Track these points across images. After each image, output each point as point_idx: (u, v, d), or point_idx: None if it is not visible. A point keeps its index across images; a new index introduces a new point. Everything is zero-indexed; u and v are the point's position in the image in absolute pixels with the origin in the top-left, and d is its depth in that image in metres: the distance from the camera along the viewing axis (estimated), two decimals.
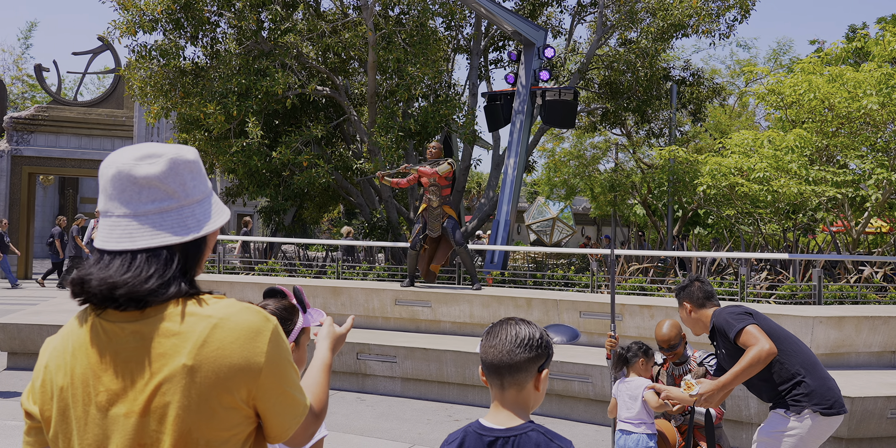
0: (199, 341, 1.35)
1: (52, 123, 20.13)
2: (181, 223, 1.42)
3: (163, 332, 1.36)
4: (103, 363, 1.36)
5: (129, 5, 11.89)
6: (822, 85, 10.10)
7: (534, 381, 1.84)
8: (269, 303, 2.27)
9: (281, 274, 11.11)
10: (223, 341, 1.36)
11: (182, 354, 1.34)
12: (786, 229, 12.33)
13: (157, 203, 1.41)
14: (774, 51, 30.56)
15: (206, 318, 1.37)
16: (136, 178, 1.40)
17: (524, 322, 1.89)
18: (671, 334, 4.49)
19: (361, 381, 8.06)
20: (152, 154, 1.42)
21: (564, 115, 12.54)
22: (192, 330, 1.36)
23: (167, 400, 1.34)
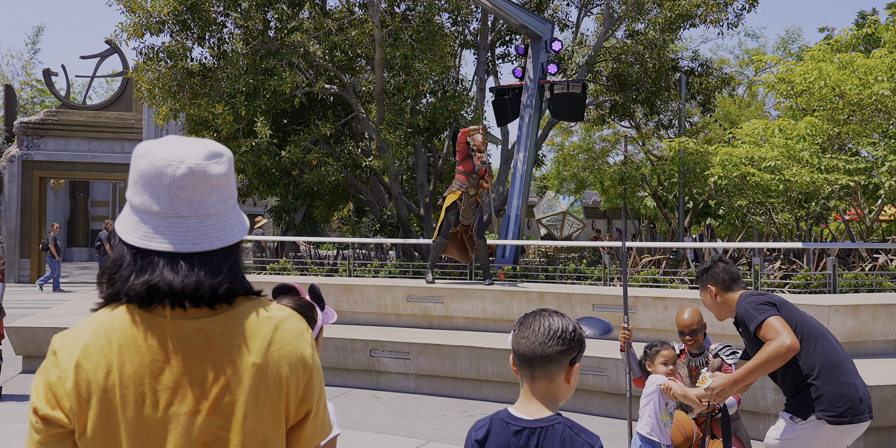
0: (266, 341, 1.37)
1: (61, 127, 20.24)
2: (238, 220, 1.43)
3: (230, 331, 1.36)
4: (162, 361, 1.32)
5: (136, 7, 11.92)
6: (833, 72, 10.01)
7: (565, 374, 1.83)
8: (288, 301, 2.23)
9: (293, 273, 11.13)
10: (284, 342, 1.39)
11: (251, 353, 1.35)
12: (798, 218, 12.25)
13: (224, 202, 1.40)
14: (783, 39, 30.35)
15: (269, 319, 1.40)
16: (210, 177, 1.36)
17: (557, 314, 1.87)
18: (693, 319, 4.42)
19: (375, 378, 8.07)
20: (216, 152, 1.40)
21: (573, 109, 12.49)
22: (258, 330, 1.37)
23: (235, 398, 1.33)
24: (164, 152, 1.35)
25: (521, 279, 10.11)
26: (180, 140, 1.39)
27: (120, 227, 1.38)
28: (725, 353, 4.52)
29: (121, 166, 20.47)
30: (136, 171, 1.36)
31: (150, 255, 1.33)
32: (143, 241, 1.34)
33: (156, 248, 1.33)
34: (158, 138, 1.42)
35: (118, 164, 20.49)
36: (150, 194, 1.35)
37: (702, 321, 4.48)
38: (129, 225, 1.37)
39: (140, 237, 1.34)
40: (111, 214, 30.20)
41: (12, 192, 19.96)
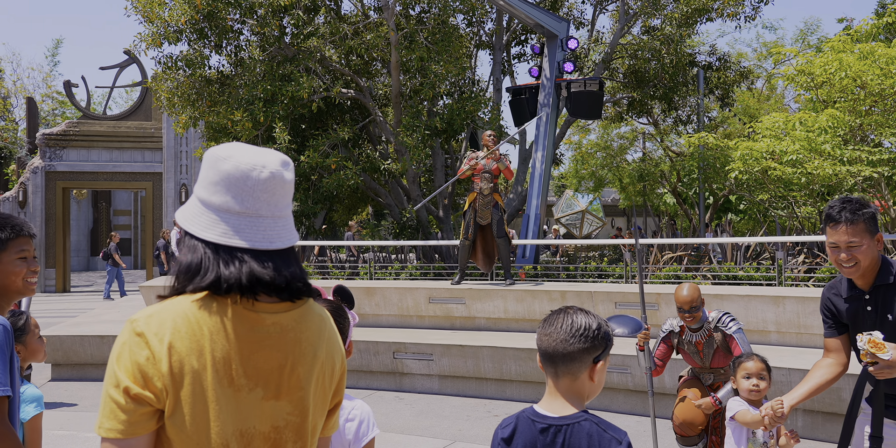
0: (323, 336, 1.53)
1: (82, 138, 20.48)
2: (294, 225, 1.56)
3: (299, 326, 1.48)
4: (248, 349, 1.42)
5: (154, 17, 12.05)
6: (853, 63, 9.90)
7: (588, 372, 1.82)
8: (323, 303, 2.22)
9: (315, 276, 11.18)
10: (332, 338, 1.56)
11: (315, 347, 1.50)
12: (821, 211, 12.11)
13: (290, 206, 1.54)
14: (802, 31, 30.05)
15: (320, 315, 1.55)
16: (286, 182, 1.49)
17: (582, 311, 1.86)
18: (693, 296, 4.54)
19: (399, 379, 8.08)
20: (287, 161, 1.52)
21: (591, 106, 12.45)
22: (318, 326, 1.53)
23: (304, 387, 1.47)
24: (248, 157, 1.46)
25: (543, 278, 10.08)
26: (251, 147, 1.50)
27: (192, 226, 1.45)
28: (725, 324, 4.62)
29: (142, 175, 20.67)
30: (219, 172, 1.45)
31: (232, 251, 1.42)
32: (224, 238, 1.42)
33: (237, 245, 1.42)
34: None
35: (139, 174, 20.69)
36: (234, 195, 1.44)
37: (700, 298, 4.59)
38: (204, 223, 1.44)
39: (220, 234, 1.43)
40: (133, 223, 30.50)
41: (36, 203, 20.23)
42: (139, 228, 29.89)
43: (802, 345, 7.11)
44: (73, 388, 8.21)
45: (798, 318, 7.11)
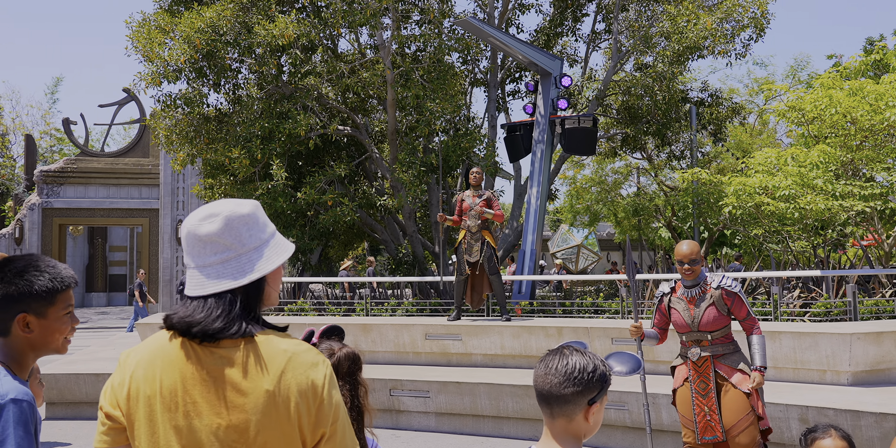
0: (279, 371, 1.60)
1: (80, 175, 20.57)
2: (239, 269, 1.67)
3: (249, 360, 1.60)
4: (192, 380, 1.60)
5: (154, 57, 12.20)
6: (843, 99, 10.05)
7: (584, 413, 1.81)
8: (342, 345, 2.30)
9: (311, 313, 11.15)
10: (296, 371, 1.61)
11: (265, 380, 1.59)
12: (815, 246, 12.18)
13: (219, 255, 1.67)
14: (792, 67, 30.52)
15: (284, 351, 1.63)
16: (200, 236, 1.67)
17: (578, 352, 1.85)
18: (693, 250, 4.66)
19: (395, 417, 8.03)
20: (211, 214, 1.69)
21: (585, 143, 12.58)
22: (274, 360, 1.61)
23: (249, 417, 1.58)
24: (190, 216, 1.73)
25: (539, 314, 10.08)
26: (203, 207, 1.73)
27: None
28: (727, 283, 4.66)
29: (138, 211, 20.71)
30: None
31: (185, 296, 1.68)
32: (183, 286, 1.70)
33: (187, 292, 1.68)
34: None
35: (136, 210, 20.73)
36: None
37: (700, 253, 4.70)
38: None
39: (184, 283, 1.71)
40: (129, 259, 30.44)
41: (32, 239, 20.22)
42: (135, 264, 29.82)
43: (799, 380, 7.10)
44: (67, 428, 8.13)
45: (794, 353, 7.11)
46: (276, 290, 1.75)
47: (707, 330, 4.63)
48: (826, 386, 6.91)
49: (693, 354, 4.69)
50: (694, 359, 4.68)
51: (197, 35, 11.75)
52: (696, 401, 4.64)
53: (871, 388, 6.76)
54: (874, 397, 6.26)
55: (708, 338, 4.64)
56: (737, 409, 4.52)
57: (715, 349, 4.63)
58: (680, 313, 4.73)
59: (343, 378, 2.21)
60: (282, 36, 11.53)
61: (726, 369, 4.61)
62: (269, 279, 1.73)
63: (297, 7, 13.54)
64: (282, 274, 1.78)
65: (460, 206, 9.34)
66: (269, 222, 1.78)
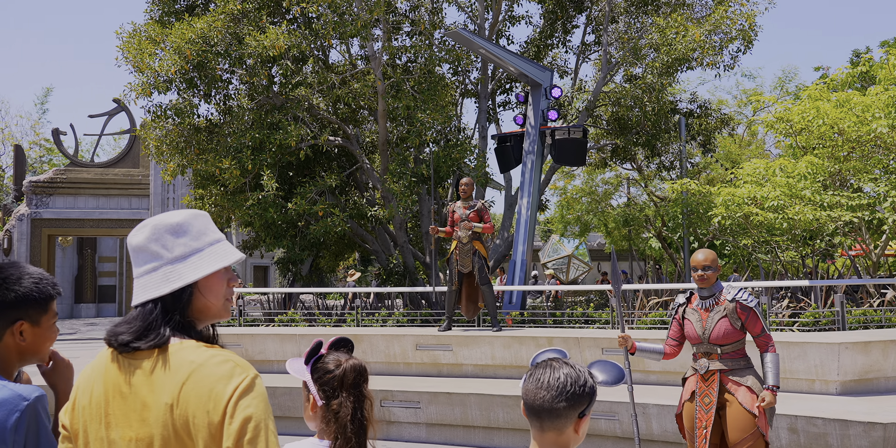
0: (180, 383, 1.54)
1: (69, 185, 20.50)
2: (164, 278, 1.64)
3: (155, 372, 1.57)
4: (113, 391, 1.61)
5: (144, 67, 12.22)
6: (830, 110, 10.15)
7: (574, 426, 1.81)
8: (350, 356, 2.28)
9: (301, 324, 11.13)
10: (198, 383, 1.54)
11: (166, 393, 1.55)
12: (804, 256, 12.25)
13: (148, 263, 1.67)
14: (780, 79, 30.77)
15: (190, 363, 1.56)
16: (133, 246, 1.69)
17: (567, 365, 1.85)
18: (708, 258, 4.60)
19: (386, 428, 8.01)
20: (143, 224, 1.70)
21: (575, 153, 12.63)
22: (178, 372, 1.55)
23: (152, 431, 1.55)
24: None
25: (529, 324, 10.09)
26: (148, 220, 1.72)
27: None
28: (743, 297, 4.54)
29: (128, 222, 20.65)
30: None
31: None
32: None
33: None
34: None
35: (126, 220, 20.66)
36: None
37: (716, 261, 4.61)
38: None
39: None
40: (118, 270, 30.30)
41: (21, 250, 20.12)
42: (124, 275, 29.67)
43: (788, 390, 7.12)
44: None
45: (783, 363, 7.14)
46: (215, 302, 1.68)
47: (717, 343, 4.52)
48: (815, 395, 6.94)
49: (701, 367, 4.59)
50: (702, 372, 4.58)
51: (188, 46, 11.77)
52: (698, 414, 4.58)
53: (860, 397, 6.79)
54: (863, 406, 6.30)
55: (718, 351, 4.53)
56: (742, 427, 4.40)
57: (724, 363, 4.51)
58: (693, 324, 4.63)
59: (348, 390, 2.20)
60: (273, 47, 11.56)
61: (733, 385, 4.48)
62: (203, 289, 1.66)
63: (288, 18, 13.59)
64: (222, 284, 1.70)
65: (452, 218, 9.36)
66: (212, 232, 1.72)
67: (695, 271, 4.63)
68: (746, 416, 4.39)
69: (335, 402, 2.17)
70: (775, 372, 4.42)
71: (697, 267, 4.61)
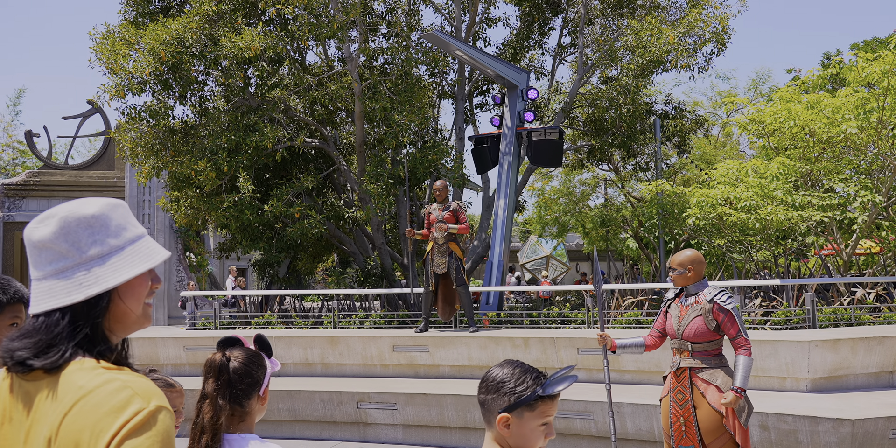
0: (62, 413, 1.27)
1: (43, 188, 20.28)
2: (77, 283, 1.36)
3: (46, 397, 1.31)
4: (4, 415, 1.36)
5: (118, 69, 12.12)
6: (802, 112, 10.30)
7: (497, 422, 1.87)
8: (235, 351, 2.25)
9: (278, 326, 11.10)
10: (80, 415, 1.26)
11: (46, 424, 1.29)
12: (777, 255, 12.41)
13: (53, 264, 1.37)
14: (754, 80, 31.08)
15: (79, 389, 1.28)
16: (34, 241, 1.38)
17: (511, 365, 1.92)
18: (682, 259, 4.66)
19: (363, 430, 8.01)
20: (48, 215, 1.39)
21: (551, 155, 12.70)
22: (63, 400, 1.29)
23: None
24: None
25: (506, 325, 10.13)
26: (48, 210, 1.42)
27: None
28: (722, 299, 4.58)
29: None
30: None
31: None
32: None
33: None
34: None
35: None
36: None
37: (693, 263, 4.64)
38: None
39: None
40: None
41: None
42: None
43: (759, 387, 7.22)
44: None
45: (755, 360, 7.23)
46: (135, 308, 1.41)
47: (689, 340, 4.57)
48: (786, 392, 7.04)
49: (674, 364, 4.66)
50: (674, 369, 4.66)
51: (162, 47, 11.71)
52: (673, 410, 4.63)
53: (829, 394, 6.90)
54: (831, 403, 6.40)
55: (689, 348, 4.58)
56: (712, 428, 4.45)
57: (695, 361, 4.56)
58: (672, 320, 4.71)
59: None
60: (248, 48, 11.53)
61: (702, 383, 4.52)
62: (124, 294, 1.39)
63: (264, 20, 13.55)
64: (145, 287, 1.43)
65: (428, 219, 9.40)
66: (132, 226, 1.45)
67: (672, 271, 4.72)
68: (715, 416, 4.45)
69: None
70: (744, 374, 4.45)
71: (673, 266, 4.71)
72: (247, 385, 2.15)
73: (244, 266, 26.73)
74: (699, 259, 4.66)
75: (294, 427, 8.19)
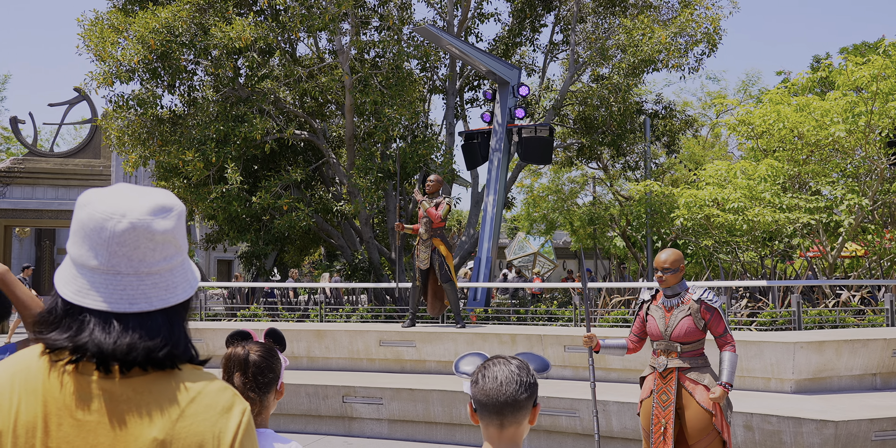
0: (176, 415, 1.23)
1: (28, 175, 20.08)
2: (185, 278, 1.33)
3: (138, 398, 1.23)
4: (58, 416, 1.21)
5: (106, 56, 12.00)
6: (791, 114, 10.34)
7: (530, 416, 1.86)
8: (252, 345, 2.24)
9: (264, 319, 11.05)
10: (198, 417, 1.24)
11: (155, 427, 1.22)
12: (763, 256, 12.48)
13: (169, 260, 1.30)
14: (743, 82, 31.22)
15: (187, 389, 1.26)
16: (154, 234, 1.27)
17: (515, 359, 1.89)
18: (668, 258, 4.60)
19: (348, 424, 7.99)
20: (165, 206, 1.30)
21: (541, 152, 12.70)
22: (170, 401, 1.24)
23: None
24: (106, 204, 1.27)
25: (493, 321, 10.13)
26: (128, 190, 1.31)
27: (58, 278, 1.30)
28: (708, 297, 4.58)
29: None
30: (77, 221, 1.29)
31: (82, 312, 1.25)
32: (77, 296, 1.25)
33: (89, 306, 1.25)
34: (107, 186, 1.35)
35: None
36: (89, 248, 1.26)
37: (678, 262, 4.61)
38: (66, 277, 1.29)
39: (75, 292, 1.26)
40: None
41: None
42: None
43: (744, 388, 7.25)
44: None
45: (740, 361, 7.26)
46: None
47: (678, 341, 4.56)
48: (770, 393, 7.07)
49: (659, 365, 4.62)
50: (660, 370, 4.62)
51: (151, 35, 11.60)
52: (655, 412, 4.61)
53: (813, 395, 6.94)
54: (815, 404, 6.44)
55: (678, 349, 4.56)
56: (700, 428, 4.45)
57: (683, 362, 4.55)
58: (655, 321, 4.67)
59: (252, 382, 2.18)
60: (239, 38, 11.44)
61: (691, 383, 4.52)
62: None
63: (255, 10, 13.45)
64: None
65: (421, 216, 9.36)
66: None
67: (656, 272, 4.68)
68: (704, 416, 4.45)
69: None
70: (731, 370, 4.48)
71: (658, 268, 4.65)
72: (269, 379, 2.18)
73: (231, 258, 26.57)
74: (682, 257, 4.69)
75: (279, 420, 8.16)
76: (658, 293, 4.79)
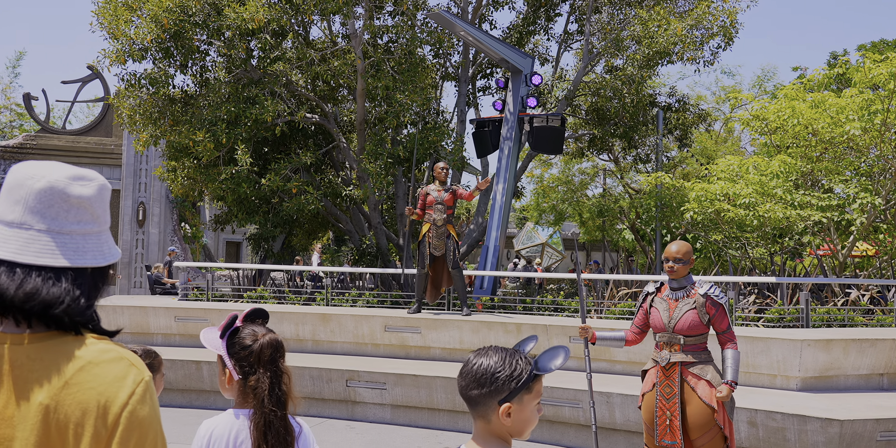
0: (62, 382, 1.25)
1: (40, 152, 20.12)
2: (99, 248, 1.39)
3: (31, 364, 1.27)
4: None
5: (119, 34, 11.96)
6: (806, 111, 10.24)
7: (496, 414, 1.75)
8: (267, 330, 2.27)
9: (270, 301, 11.06)
10: (82, 385, 1.25)
11: (42, 391, 1.25)
12: (773, 253, 12.41)
13: (82, 225, 1.37)
14: (759, 77, 31.00)
15: (78, 358, 1.27)
16: (69, 196, 1.36)
17: (499, 352, 1.80)
18: (680, 249, 4.62)
19: (351, 408, 8.01)
20: (84, 176, 1.40)
21: (552, 142, 12.63)
22: (59, 369, 1.26)
23: (14, 434, 1.24)
24: (32, 168, 1.38)
25: (499, 310, 10.12)
26: (58, 163, 1.41)
27: None
28: (715, 293, 4.60)
29: None
30: (4, 183, 1.38)
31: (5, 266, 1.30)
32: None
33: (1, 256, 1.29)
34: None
35: None
36: (10, 203, 1.35)
37: (689, 254, 4.63)
38: None
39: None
40: None
41: None
42: None
43: (750, 384, 7.23)
44: None
45: (746, 357, 7.23)
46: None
47: (681, 334, 4.54)
48: (776, 390, 7.04)
49: (662, 358, 4.60)
50: (663, 363, 4.60)
51: (165, 14, 11.54)
52: (659, 404, 4.59)
53: (819, 393, 6.91)
54: (821, 403, 6.41)
55: (681, 342, 4.54)
56: (702, 423, 4.43)
57: (686, 355, 4.53)
58: (659, 313, 4.65)
59: (265, 366, 2.18)
60: (252, 20, 11.38)
61: (693, 378, 4.50)
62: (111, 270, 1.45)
63: None
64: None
65: (424, 201, 9.34)
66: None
67: (666, 262, 4.66)
68: (706, 411, 4.44)
69: (252, 379, 2.17)
70: (735, 368, 4.48)
71: (669, 258, 4.64)
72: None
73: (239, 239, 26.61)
74: (692, 250, 4.68)
75: None
76: (663, 286, 4.78)
